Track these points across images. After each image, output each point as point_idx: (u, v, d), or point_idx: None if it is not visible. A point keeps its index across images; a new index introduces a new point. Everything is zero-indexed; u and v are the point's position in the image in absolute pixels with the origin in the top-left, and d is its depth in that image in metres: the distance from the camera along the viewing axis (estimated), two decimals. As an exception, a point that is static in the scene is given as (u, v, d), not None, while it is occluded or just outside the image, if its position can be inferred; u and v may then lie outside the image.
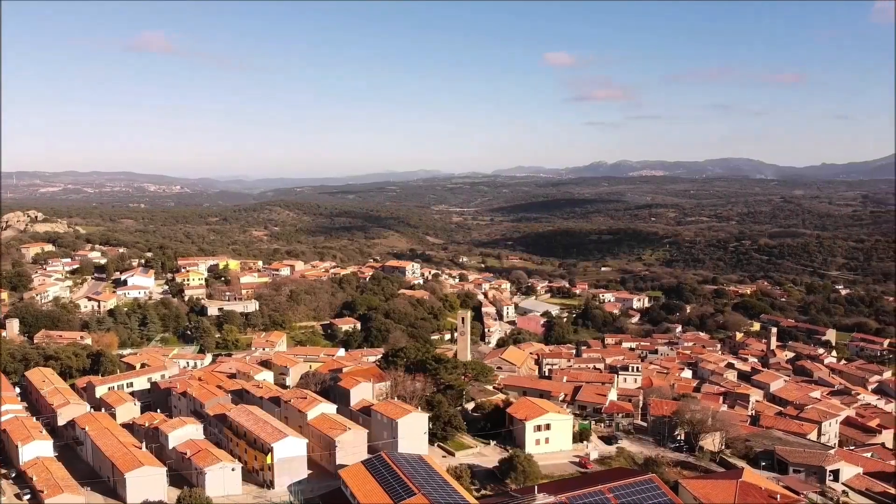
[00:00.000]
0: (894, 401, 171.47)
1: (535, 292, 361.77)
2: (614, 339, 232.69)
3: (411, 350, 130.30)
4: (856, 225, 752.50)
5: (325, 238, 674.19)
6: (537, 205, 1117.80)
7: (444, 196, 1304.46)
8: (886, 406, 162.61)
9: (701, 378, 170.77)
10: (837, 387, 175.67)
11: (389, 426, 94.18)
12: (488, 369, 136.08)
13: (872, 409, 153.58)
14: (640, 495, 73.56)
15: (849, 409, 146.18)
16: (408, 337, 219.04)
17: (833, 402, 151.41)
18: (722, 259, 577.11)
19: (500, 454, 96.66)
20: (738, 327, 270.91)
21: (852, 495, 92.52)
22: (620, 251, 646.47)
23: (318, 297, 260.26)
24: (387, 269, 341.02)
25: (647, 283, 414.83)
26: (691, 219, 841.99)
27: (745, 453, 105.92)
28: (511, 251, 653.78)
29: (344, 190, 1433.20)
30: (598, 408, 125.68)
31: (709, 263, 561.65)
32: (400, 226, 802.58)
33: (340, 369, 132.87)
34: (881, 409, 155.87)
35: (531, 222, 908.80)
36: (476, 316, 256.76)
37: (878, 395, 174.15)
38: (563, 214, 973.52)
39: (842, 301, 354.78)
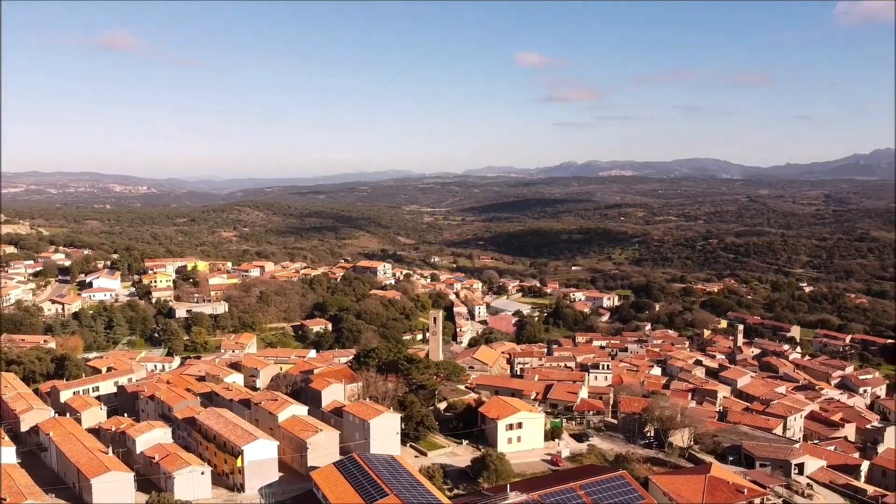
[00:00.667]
0: (856, 395, 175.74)
1: (506, 292, 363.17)
2: (585, 338, 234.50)
3: (383, 350, 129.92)
4: (818, 224, 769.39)
5: (296, 239, 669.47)
6: (508, 205, 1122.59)
7: (416, 196, 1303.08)
8: (849, 400, 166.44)
9: (670, 375, 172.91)
10: (802, 382, 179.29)
11: (361, 427, 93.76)
12: (460, 369, 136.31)
13: (835, 404, 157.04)
14: (611, 492, 74.32)
15: (813, 404, 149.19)
16: (379, 337, 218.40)
17: (798, 397, 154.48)
18: (690, 258, 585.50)
19: (473, 453, 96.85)
20: (706, 325, 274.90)
21: (816, 488, 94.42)
22: (591, 250, 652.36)
23: (288, 298, 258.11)
24: (358, 270, 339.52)
25: (616, 282, 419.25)
26: (660, 218, 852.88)
27: (713, 448, 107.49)
28: (482, 251, 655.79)
29: (314, 190, 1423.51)
30: (569, 406, 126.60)
31: (677, 262, 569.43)
32: (371, 226, 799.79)
33: (312, 371, 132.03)
34: (844, 404, 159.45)
35: (502, 222, 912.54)
36: (448, 316, 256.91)
37: (841, 390, 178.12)
38: (533, 214, 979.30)
39: (805, 298, 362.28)
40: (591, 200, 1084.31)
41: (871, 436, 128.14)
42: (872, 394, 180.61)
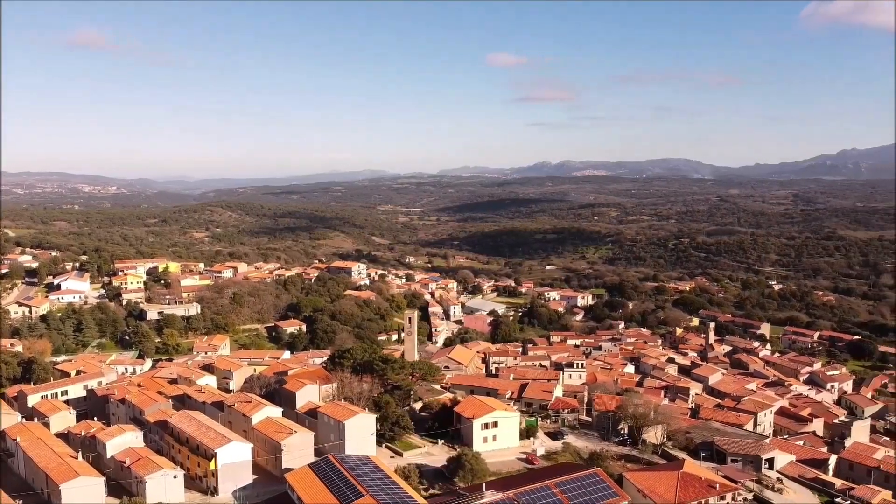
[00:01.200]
0: (824, 391, 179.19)
1: (481, 291, 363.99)
2: (559, 337, 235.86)
3: (358, 351, 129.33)
4: (787, 223, 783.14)
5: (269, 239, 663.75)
6: (483, 204, 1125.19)
7: (390, 196, 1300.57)
8: (817, 396, 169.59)
9: (643, 373, 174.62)
10: (772, 378, 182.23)
11: (336, 428, 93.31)
12: (436, 369, 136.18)
13: (804, 399, 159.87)
14: (586, 489, 74.93)
15: (782, 400, 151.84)
16: (354, 338, 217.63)
17: (768, 393, 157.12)
18: (662, 257, 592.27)
19: (448, 453, 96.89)
20: (678, 323, 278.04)
21: (786, 482, 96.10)
22: (565, 250, 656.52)
23: (262, 299, 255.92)
24: (332, 270, 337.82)
25: (590, 281, 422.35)
26: (633, 218, 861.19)
27: (685, 445, 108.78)
28: (457, 251, 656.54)
29: (288, 190, 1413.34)
30: (544, 404, 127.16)
31: (650, 261, 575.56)
32: (345, 226, 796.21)
33: (286, 372, 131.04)
34: (812, 399, 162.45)
35: (477, 222, 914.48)
36: (423, 316, 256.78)
37: (810, 386, 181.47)
38: (508, 214, 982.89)
39: (775, 296, 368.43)
40: (565, 200, 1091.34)
41: (839, 430, 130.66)
42: (840, 389, 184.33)
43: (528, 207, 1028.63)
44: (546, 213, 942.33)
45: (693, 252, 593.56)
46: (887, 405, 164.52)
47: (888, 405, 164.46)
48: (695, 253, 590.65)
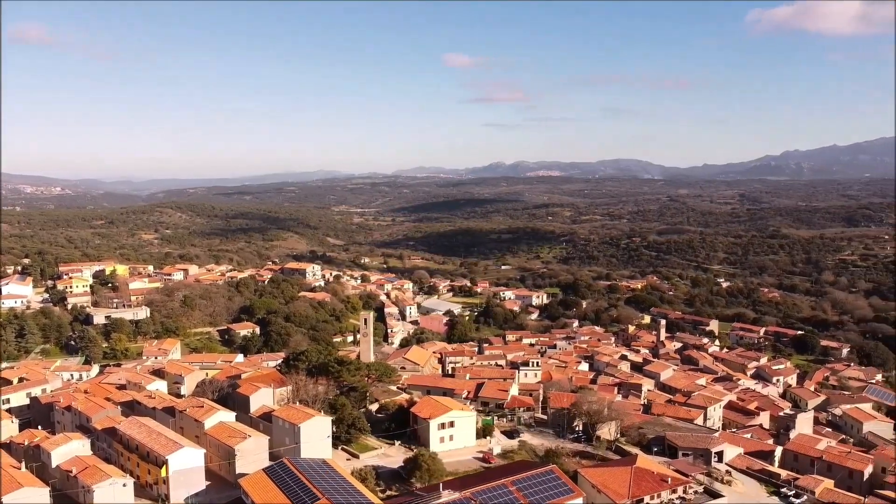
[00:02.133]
0: (770, 384, 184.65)
1: (437, 292, 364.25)
2: (515, 336, 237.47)
3: (313, 353, 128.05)
4: (734, 222, 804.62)
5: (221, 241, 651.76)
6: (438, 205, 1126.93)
7: (345, 196, 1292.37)
8: (763, 390, 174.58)
9: (597, 370, 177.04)
10: (720, 374, 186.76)
11: (292, 432, 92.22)
12: (392, 370, 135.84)
13: (751, 394, 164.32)
14: (542, 486, 75.62)
15: (731, 394, 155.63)
16: (309, 340, 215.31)
17: (717, 388, 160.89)
18: (615, 256, 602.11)
19: (405, 454, 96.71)
20: (631, 320, 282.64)
21: (735, 474, 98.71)
22: (519, 249, 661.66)
23: (214, 301, 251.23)
24: (286, 272, 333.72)
25: (545, 281, 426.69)
26: (586, 217, 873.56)
27: (638, 440, 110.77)
28: (413, 251, 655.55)
29: (240, 191, 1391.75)
30: (500, 403, 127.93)
31: (603, 260, 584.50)
32: (299, 227, 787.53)
33: (239, 375, 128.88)
34: (759, 393, 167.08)
35: (432, 222, 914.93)
36: (379, 317, 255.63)
37: (756, 380, 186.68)
38: (463, 214, 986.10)
39: (723, 293, 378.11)
40: (520, 200, 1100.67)
41: (784, 423, 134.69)
42: (785, 383, 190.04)
43: (483, 207, 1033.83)
44: (501, 214, 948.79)
45: (644, 251, 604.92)
46: (829, 397, 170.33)
47: (830, 397, 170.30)
48: (646, 252, 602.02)
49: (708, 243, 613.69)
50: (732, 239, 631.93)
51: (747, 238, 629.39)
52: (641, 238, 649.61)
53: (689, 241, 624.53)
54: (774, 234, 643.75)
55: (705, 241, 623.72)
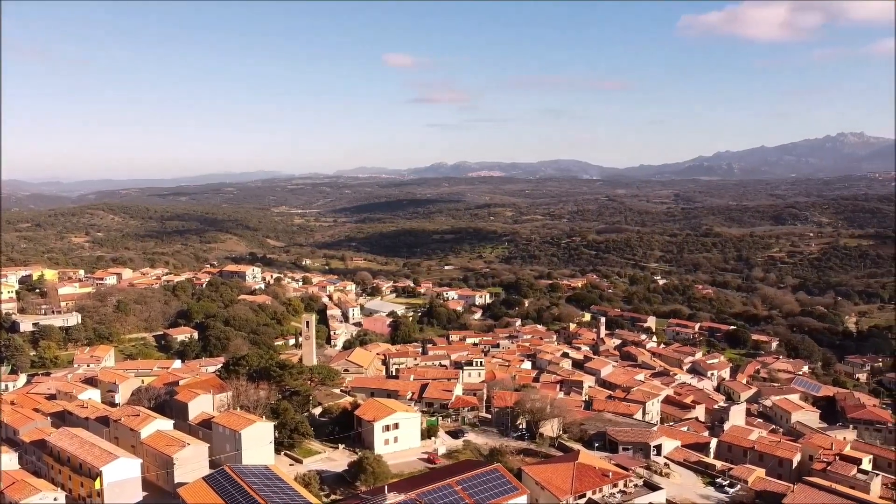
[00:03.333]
0: (705, 378, 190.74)
1: (380, 293, 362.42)
2: (458, 336, 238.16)
3: (254, 357, 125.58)
4: (669, 221, 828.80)
5: (156, 243, 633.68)
6: (381, 205, 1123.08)
7: (285, 197, 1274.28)
8: (699, 384, 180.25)
9: (539, 368, 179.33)
10: (658, 369, 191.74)
11: (232, 438, 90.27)
12: (335, 372, 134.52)
13: (687, 388, 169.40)
14: (487, 485, 76.12)
15: (668, 389, 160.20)
16: (250, 344, 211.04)
17: (655, 383, 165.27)
18: (556, 255, 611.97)
19: (350, 457, 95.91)
20: (572, 318, 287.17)
21: (673, 466, 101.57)
22: (462, 250, 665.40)
23: (149, 306, 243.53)
24: (225, 275, 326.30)
25: (487, 280, 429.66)
26: (527, 217, 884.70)
27: (580, 436, 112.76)
28: (355, 252, 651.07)
29: (176, 192, 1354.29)
30: (444, 404, 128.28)
31: (544, 259, 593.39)
32: (238, 229, 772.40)
33: (177, 382, 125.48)
34: (694, 387, 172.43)
35: (375, 223, 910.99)
36: (321, 319, 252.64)
37: (692, 375, 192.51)
38: (406, 215, 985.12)
39: (659, 290, 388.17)
40: (462, 200, 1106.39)
41: (718, 415, 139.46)
42: (719, 376, 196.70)
43: (425, 208, 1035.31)
44: (443, 214, 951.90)
45: (584, 250, 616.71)
46: (760, 389, 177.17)
47: (761, 389, 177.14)
48: (586, 251, 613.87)
49: (645, 242, 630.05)
50: (668, 237, 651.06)
51: (682, 237, 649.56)
52: (581, 237, 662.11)
53: (627, 239, 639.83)
54: (707, 232, 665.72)
55: (642, 239, 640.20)
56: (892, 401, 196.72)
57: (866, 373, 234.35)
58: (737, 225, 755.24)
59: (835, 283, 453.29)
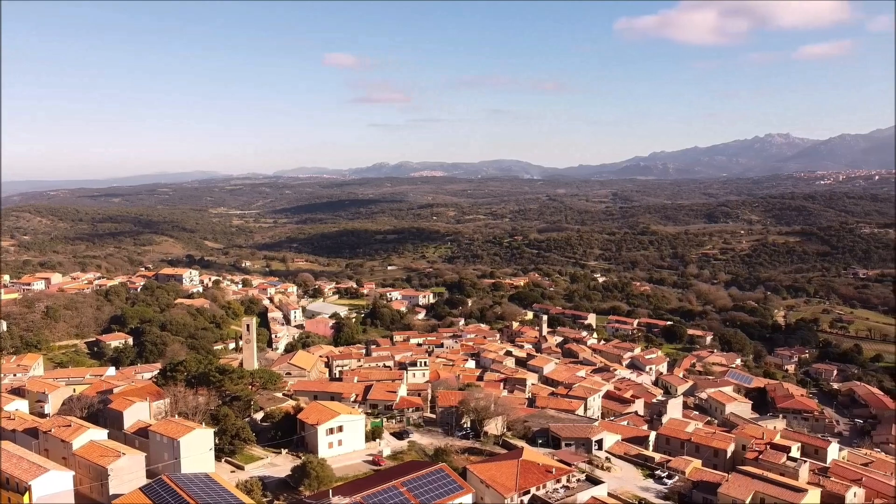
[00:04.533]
0: (643, 373, 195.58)
1: (322, 294, 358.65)
2: (402, 336, 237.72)
3: (192, 362, 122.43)
4: (608, 219, 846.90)
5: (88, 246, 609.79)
6: (322, 206, 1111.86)
7: (223, 198, 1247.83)
8: (638, 378, 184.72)
9: (483, 367, 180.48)
10: (598, 365, 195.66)
11: (171, 446, 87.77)
12: (277, 376, 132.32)
13: (627, 382, 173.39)
14: (432, 485, 76.25)
15: (608, 384, 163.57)
16: (188, 349, 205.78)
17: (595, 379, 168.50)
18: (498, 254, 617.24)
19: (293, 462, 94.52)
20: (514, 317, 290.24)
21: (614, 460, 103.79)
22: (405, 250, 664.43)
23: (80, 312, 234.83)
24: (161, 278, 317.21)
25: (431, 280, 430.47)
26: (470, 217, 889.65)
27: (524, 433, 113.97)
28: (297, 253, 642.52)
29: (108, 193, 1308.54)
30: (389, 405, 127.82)
31: (487, 259, 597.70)
32: (175, 231, 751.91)
33: (111, 390, 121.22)
34: (634, 382, 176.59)
35: (316, 223, 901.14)
36: (262, 322, 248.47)
37: (631, 370, 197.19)
38: (348, 215, 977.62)
39: (599, 288, 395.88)
40: (405, 200, 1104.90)
41: (657, 409, 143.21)
42: (656, 371, 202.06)
43: (367, 208, 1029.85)
44: (386, 214, 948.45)
45: (526, 249, 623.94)
46: (696, 383, 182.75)
47: (696, 383, 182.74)
48: (528, 250, 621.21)
49: (585, 240, 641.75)
50: (607, 236, 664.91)
51: (620, 235, 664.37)
52: (523, 236, 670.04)
53: (568, 238, 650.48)
54: (644, 230, 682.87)
55: (582, 238, 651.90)
56: (819, 390, 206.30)
57: (794, 364, 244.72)
58: (672, 223, 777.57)
59: (764, 279, 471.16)
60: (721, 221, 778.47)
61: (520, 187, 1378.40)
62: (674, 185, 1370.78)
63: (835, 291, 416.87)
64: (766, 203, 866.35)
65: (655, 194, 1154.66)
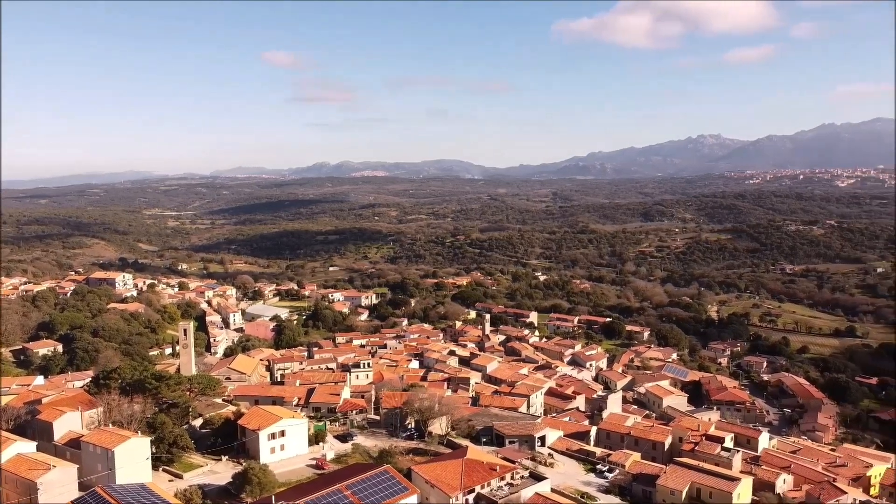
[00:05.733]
0: (584, 369, 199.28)
1: (262, 297, 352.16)
2: (345, 338, 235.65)
3: (126, 369, 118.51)
4: (548, 218, 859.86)
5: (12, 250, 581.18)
6: (261, 206, 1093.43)
7: (158, 199, 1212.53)
8: (578, 375, 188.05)
9: (427, 367, 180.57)
10: (540, 362, 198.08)
11: (104, 457, 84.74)
12: (216, 381, 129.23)
13: (568, 379, 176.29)
14: (377, 487, 75.92)
15: (550, 381, 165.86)
16: (122, 355, 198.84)
17: (538, 376, 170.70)
18: (440, 254, 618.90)
19: (234, 469, 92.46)
20: (457, 316, 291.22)
21: (556, 456, 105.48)
22: (347, 250, 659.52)
23: (5, 318, 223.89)
24: (92, 282, 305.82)
25: (373, 281, 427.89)
26: (412, 217, 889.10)
27: (468, 432, 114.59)
28: (235, 255, 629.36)
29: (34, 194, 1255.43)
30: (332, 407, 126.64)
31: (429, 258, 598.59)
32: (107, 233, 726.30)
33: (40, 400, 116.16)
34: (575, 378, 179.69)
35: (255, 224, 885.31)
36: (200, 326, 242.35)
37: (572, 366, 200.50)
38: (288, 216, 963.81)
39: (540, 286, 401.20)
40: (346, 201, 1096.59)
41: (597, 404, 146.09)
42: (597, 367, 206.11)
43: (308, 208, 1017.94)
44: (327, 214, 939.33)
45: (468, 248, 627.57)
46: (634, 377, 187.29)
47: (635, 377, 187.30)
48: (470, 249, 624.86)
49: (526, 239, 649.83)
50: (547, 235, 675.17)
51: (560, 234, 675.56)
52: (465, 236, 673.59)
53: (509, 237, 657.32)
54: (584, 229, 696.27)
55: (524, 237, 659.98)
56: (750, 382, 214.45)
57: (727, 357, 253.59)
58: (610, 222, 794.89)
59: (698, 275, 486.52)
60: (657, 220, 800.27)
61: (461, 187, 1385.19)
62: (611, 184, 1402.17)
63: (764, 286, 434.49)
64: (699, 202, 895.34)
65: (594, 194, 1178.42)
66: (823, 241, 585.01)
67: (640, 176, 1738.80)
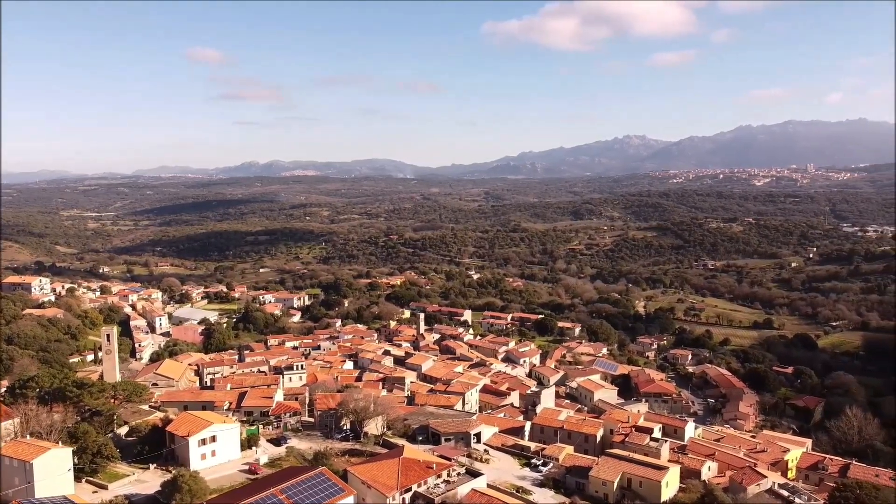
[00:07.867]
0: (518, 366, 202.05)
1: (190, 299, 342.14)
2: (277, 340, 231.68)
3: (45, 377, 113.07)
4: (481, 217, 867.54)
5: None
6: (187, 206, 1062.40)
7: (76, 200, 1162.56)
8: (512, 371, 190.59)
9: (362, 368, 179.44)
10: (475, 360, 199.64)
11: (22, 470, 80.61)
12: (142, 388, 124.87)
13: (503, 376, 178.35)
14: (312, 490, 75.03)
15: (485, 378, 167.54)
16: (40, 363, 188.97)
17: (473, 374, 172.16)
18: (374, 254, 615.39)
19: (163, 477, 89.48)
20: (392, 316, 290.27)
21: (492, 452, 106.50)
22: (278, 251, 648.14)
23: None
24: (6, 287, 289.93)
25: (306, 281, 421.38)
26: (344, 217, 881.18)
27: (404, 432, 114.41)
28: (160, 257, 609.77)
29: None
30: (265, 411, 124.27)
31: (362, 258, 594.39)
32: (21, 235, 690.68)
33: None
34: (509, 375, 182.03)
35: (181, 225, 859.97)
36: (124, 331, 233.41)
37: (506, 363, 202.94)
38: (216, 216, 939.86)
39: (474, 285, 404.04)
40: (276, 201, 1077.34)
41: (531, 399, 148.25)
42: (530, 363, 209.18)
43: (237, 209, 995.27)
44: (257, 214, 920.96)
45: (402, 248, 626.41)
46: (566, 372, 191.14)
47: (567, 372, 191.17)
48: (403, 248, 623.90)
49: (459, 238, 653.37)
50: (480, 234, 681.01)
51: (493, 233, 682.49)
52: (398, 236, 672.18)
53: (443, 236, 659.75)
54: (516, 228, 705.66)
55: (457, 236, 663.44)
56: (676, 374, 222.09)
57: (654, 351, 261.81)
58: (541, 220, 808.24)
59: (626, 272, 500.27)
60: (586, 218, 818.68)
61: (394, 186, 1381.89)
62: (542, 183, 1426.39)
63: (688, 282, 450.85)
64: (626, 200, 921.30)
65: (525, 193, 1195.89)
66: (742, 238, 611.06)
67: (569, 175, 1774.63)
